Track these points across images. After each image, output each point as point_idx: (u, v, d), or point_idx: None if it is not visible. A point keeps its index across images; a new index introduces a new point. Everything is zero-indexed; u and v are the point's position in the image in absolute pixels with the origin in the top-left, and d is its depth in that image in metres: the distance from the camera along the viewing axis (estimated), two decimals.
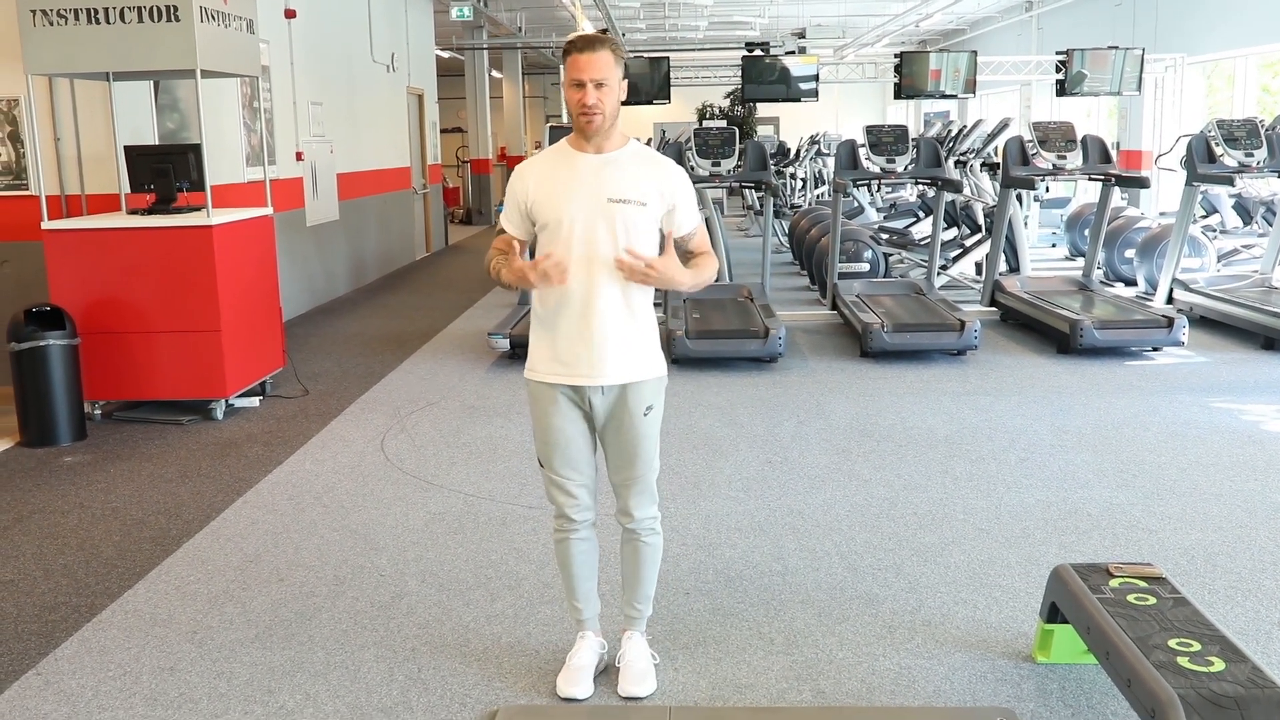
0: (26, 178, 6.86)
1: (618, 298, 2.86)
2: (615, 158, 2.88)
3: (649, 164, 2.91)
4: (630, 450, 2.96)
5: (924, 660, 3.22)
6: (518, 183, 2.93)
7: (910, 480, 4.87)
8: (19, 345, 5.61)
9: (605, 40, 2.81)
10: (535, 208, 2.88)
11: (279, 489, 4.92)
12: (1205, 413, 5.90)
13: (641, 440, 2.96)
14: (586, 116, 2.79)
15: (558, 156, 2.92)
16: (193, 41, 5.74)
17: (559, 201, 2.84)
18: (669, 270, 2.81)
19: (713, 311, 7.94)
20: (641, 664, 3.10)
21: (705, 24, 21.29)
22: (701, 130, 9.01)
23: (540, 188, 2.88)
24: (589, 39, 2.80)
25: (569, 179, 2.85)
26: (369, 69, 12.17)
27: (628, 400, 2.92)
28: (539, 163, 2.96)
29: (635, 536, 3.06)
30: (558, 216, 2.83)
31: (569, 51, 2.80)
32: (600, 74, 2.76)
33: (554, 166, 2.90)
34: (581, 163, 2.87)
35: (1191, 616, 2.79)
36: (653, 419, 2.98)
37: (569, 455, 2.99)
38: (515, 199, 2.93)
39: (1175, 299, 8.50)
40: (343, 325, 9.35)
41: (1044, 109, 16.61)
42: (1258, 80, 13.41)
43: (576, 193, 2.83)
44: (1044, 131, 8.79)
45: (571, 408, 2.95)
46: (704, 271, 2.94)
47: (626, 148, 2.91)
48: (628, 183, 2.84)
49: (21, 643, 3.45)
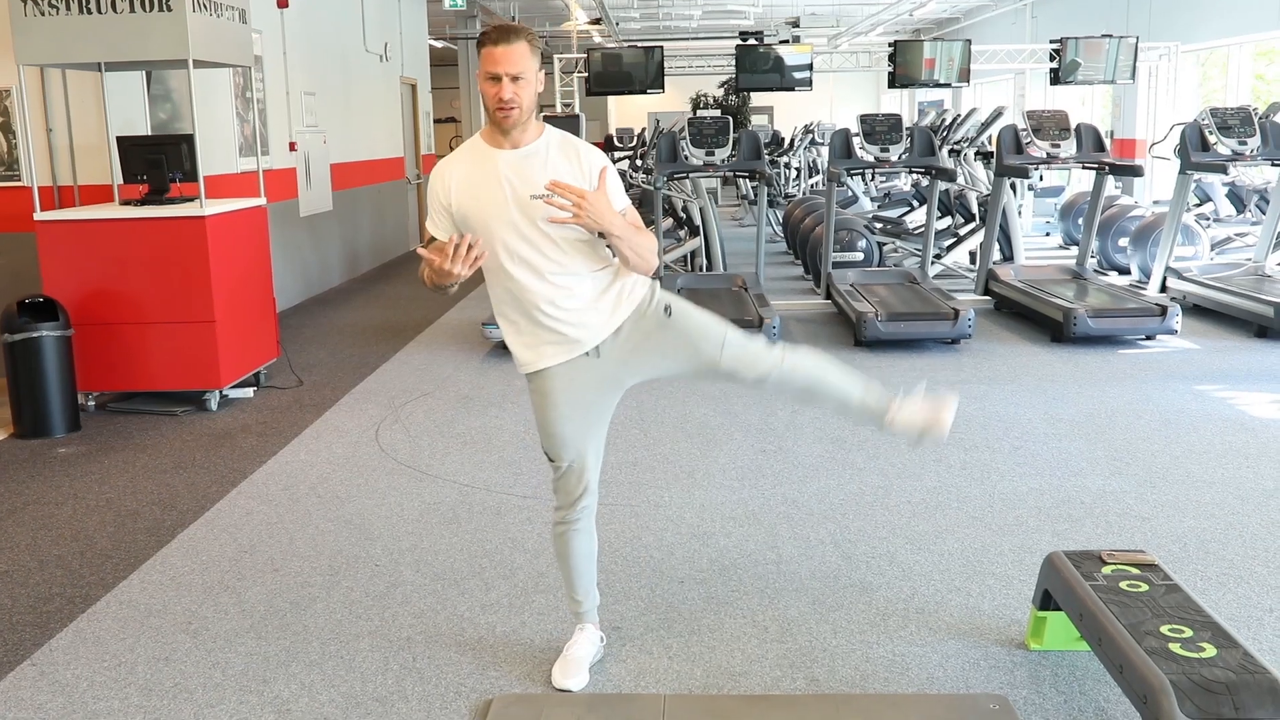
0: (18, 168, 6.84)
1: (569, 286, 2.80)
2: (533, 150, 2.78)
3: (567, 152, 2.81)
4: (693, 341, 2.88)
5: (917, 648, 3.23)
6: (438, 186, 2.82)
7: (904, 469, 4.88)
8: (12, 336, 5.60)
9: (520, 31, 2.70)
10: (458, 214, 2.79)
11: (273, 479, 4.92)
12: (1198, 400, 5.92)
13: (689, 327, 2.89)
14: (503, 111, 2.70)
15: (475, 156, 2.82)
16: (185, 31, 5.72)
17: (483, 206, 2.76)
18: (599, 206, 2.66)
19: (707, 301, 7.93)
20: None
21: (699, 13, 21.25)
22: (696, 120, 9.00)
23: (462, 193, 2.79)
24: (503, 30, 2.69)
25: (490, 181, 2.76)
26: (362, 59, 12.14)
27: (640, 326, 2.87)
28: (456, 164, 2.84)
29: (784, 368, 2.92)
30: (484, 222, 2.75)
31: (483, 43, 2.70)
32: (516, 67, 2.67)
33: (472, 168, 2.80)
34: (500, 160, 2.77)
35: (1183, 603, 2.80)
36: (681, 311, 2.90)
37: (572, 436, 2.91)
38: (438, 202, 2.83)
39: (1169, 287, 8.50)
40: (337, 316, 9.34)
41: (1038, 97, 16.61)
42: (1251, 68, 13.42)
43: (499, 194, 2.75)
44: (1038, 120, 8.79)
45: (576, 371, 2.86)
46: (643, 234, 2.78)
47: (542, 138, 2.80)
48: (549, 174, 2.73)
49: (16, 634, 3.45)
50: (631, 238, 2.75)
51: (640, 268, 2.83)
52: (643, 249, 2.78)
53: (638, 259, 2.79)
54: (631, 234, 2.75)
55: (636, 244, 2.76)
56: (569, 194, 2.63)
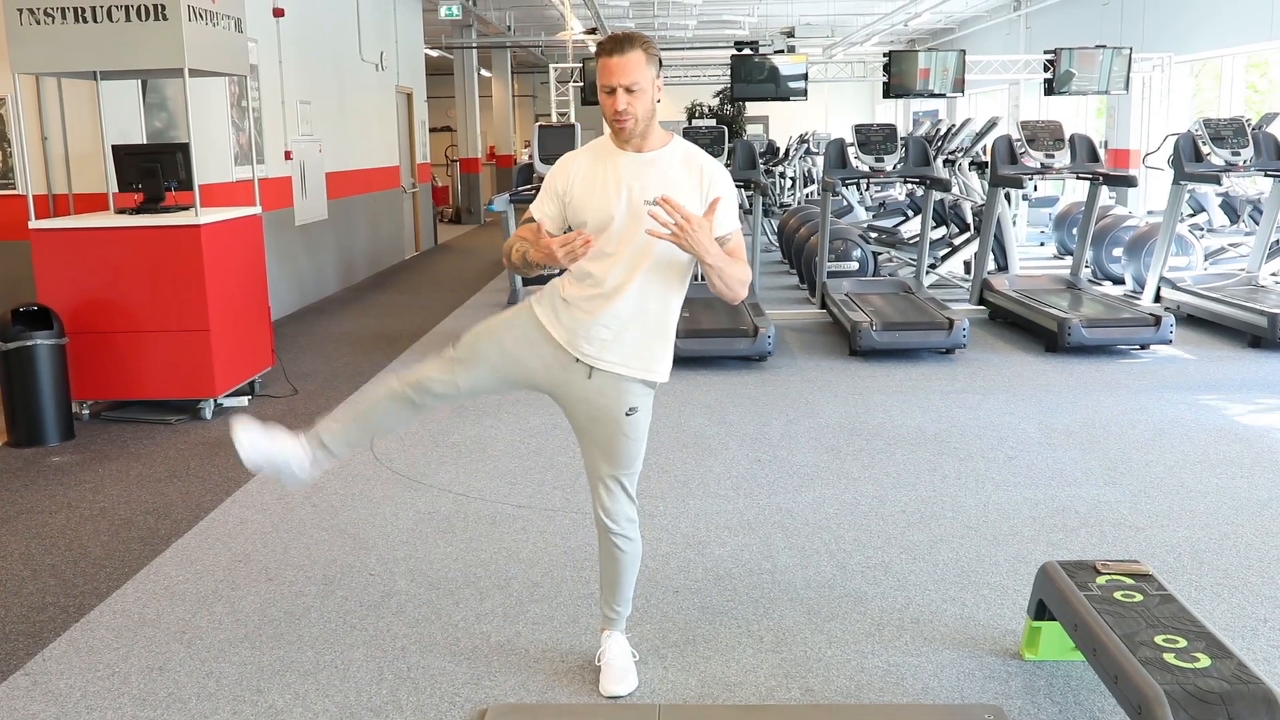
0: (13, 177, 6.84)
1: (646, 298, 2.83)
2: (656, 157, 2.81)
3: (689, 164, 2.84)
4: (607, 445, 2.92)
5: (912, 658, 3.23)
6: (559, 174, 2.87)
7: (899, 478, 4.89)
8: (6, 345, 5.58)
9: (635, 40, 2.71)
10: (572, 205, 2.83)
11: (268, 488, 4.91)
12: (1192, 410, 5.93)
13: (622, 440, 2.92)
14: (619, 123, 2.74)
15: (599, 153, 2.86)
16: (180, 40, 5.72)
17: (597, 201, 2.79)
18: (701, 232, 2.66)
19: (702, 310, 7.95)
20: (622, 661, 3.11)
21: (694, 23, 21.30)
22: (691, 129, 9.02)
23: (579, 185, 2.83)
24: (619, 40, 2.71)
25: (608, 179, 2.80)
26: (358, 68, 12.15)
27: (612, 393, 2.88)
28: (581, 159, 2.88)
29: (610, 538, 3.02)
30: (596, 216, 2.79)
31: (599, 54, 2.73)
32: (631, 78, 2.69)
33: (594, 164, 2.84)
34: (622, 161, 2.81)
35: (1178, 613, 2.80)
36: (636, 421, 2.92)
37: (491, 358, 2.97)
38: (554, 190, 2.87)
39: (1163, 297, 8.53)
40: (332, 324, 9.34)
41: (1032, 108, 16.67)
42: (1245, 79, 13.47)
43: (614, 193, 2.79)
44: (1032, 130, 8.82)
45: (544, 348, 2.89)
46: (737, 265, 2.79)
47: (668, 147, 2.84)
48: (666, 183, 2.77)
49: (9, 643, 3.44)
50: (725, 268, 2.75)
51: (725, 295, 2.84)
52: (733, 281, 2.79)
53: (724, 288, 2.80)
54: (726, 264, 2.75)
55: (729, 275, 2.77)
56: (676, 213, 2.64)
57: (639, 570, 3.15)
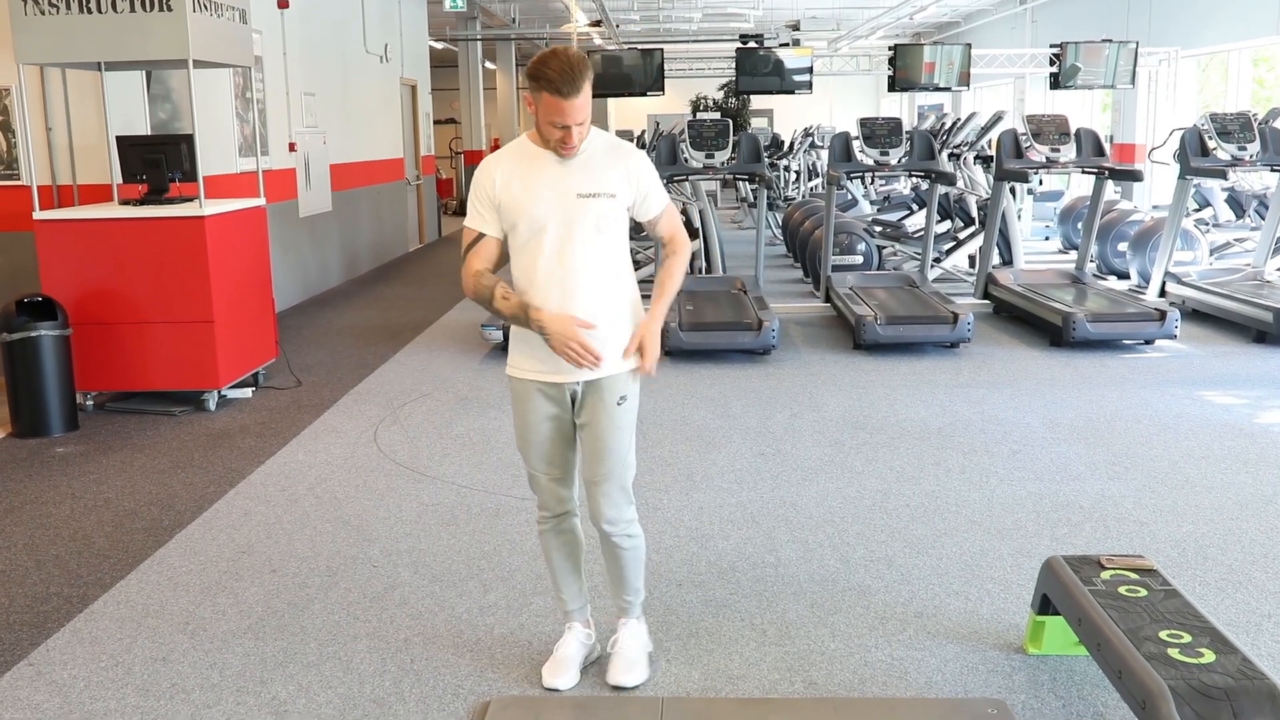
0: (18, 168, 6.84)
1: (594, 295, 2.83)
2: (580, 150, 2.82)
3: (613, 154, 2.86)
4: (602, 443, 2.92)
5: (916, 651, 3.23)
6: (484, 179, 2.84)
7: (903, 472, 4.88)
8: (10, 336, 5.59)
9: (581, 71, 2.65)
10: (504, 209, 2.82)
11: (271, 480, 4.92)
12: (1197, 405, 5.92)
13: (614, 432, 2.92)
14: (568, 151, 2.77)
15: (522, 154, 2.85)
16: (185, 31, 5.71)
17: (528, 202, 2.79)
18: (652, 348, 2.87)
19: (706, 304, 7.94)
20: (633, 652, 3.10)
21: (699, 15, 21.27)
22: (695, 122, 9.01)
23: (508, 187, 2.81)
24: (568, 77, 2.62)
25: (536, 177, 2.80)
26: (362, 60, 12.14)
27: (601, 391, 2.89)
28: (504, 162, 2.86)
29: (611, 540, 3.02)
30: (528, 217, 2.79)
31: (545, 88, 2.64)
32: (582, 116, 2.70)
33: (518, 166, 2.83)
34: (548, 160, 2.81)
35: (1182, 608, 2.80)
36: (626, 410, 2.93)
37: (545, 451, 2.98)
38: (485, 199, 2.85)
39: (1168, 292, 8.51)
40: (336, 316, 9.34)
41: (1038, 102, 16.63)
42: (1251, 74, 13.43)
43: (545, 191, 2.78)
44: (1038, 124, 8.80)
45: (550, 403, 2.92)
46: (678, 273, 2.96)
47: (589, 141, 2.83)
48: (595, 175, 2.79)
49: (13, 633, 3.45)
50: (677, 286, 2.96)
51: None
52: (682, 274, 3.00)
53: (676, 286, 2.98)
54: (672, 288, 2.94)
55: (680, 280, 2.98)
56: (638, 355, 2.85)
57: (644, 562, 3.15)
